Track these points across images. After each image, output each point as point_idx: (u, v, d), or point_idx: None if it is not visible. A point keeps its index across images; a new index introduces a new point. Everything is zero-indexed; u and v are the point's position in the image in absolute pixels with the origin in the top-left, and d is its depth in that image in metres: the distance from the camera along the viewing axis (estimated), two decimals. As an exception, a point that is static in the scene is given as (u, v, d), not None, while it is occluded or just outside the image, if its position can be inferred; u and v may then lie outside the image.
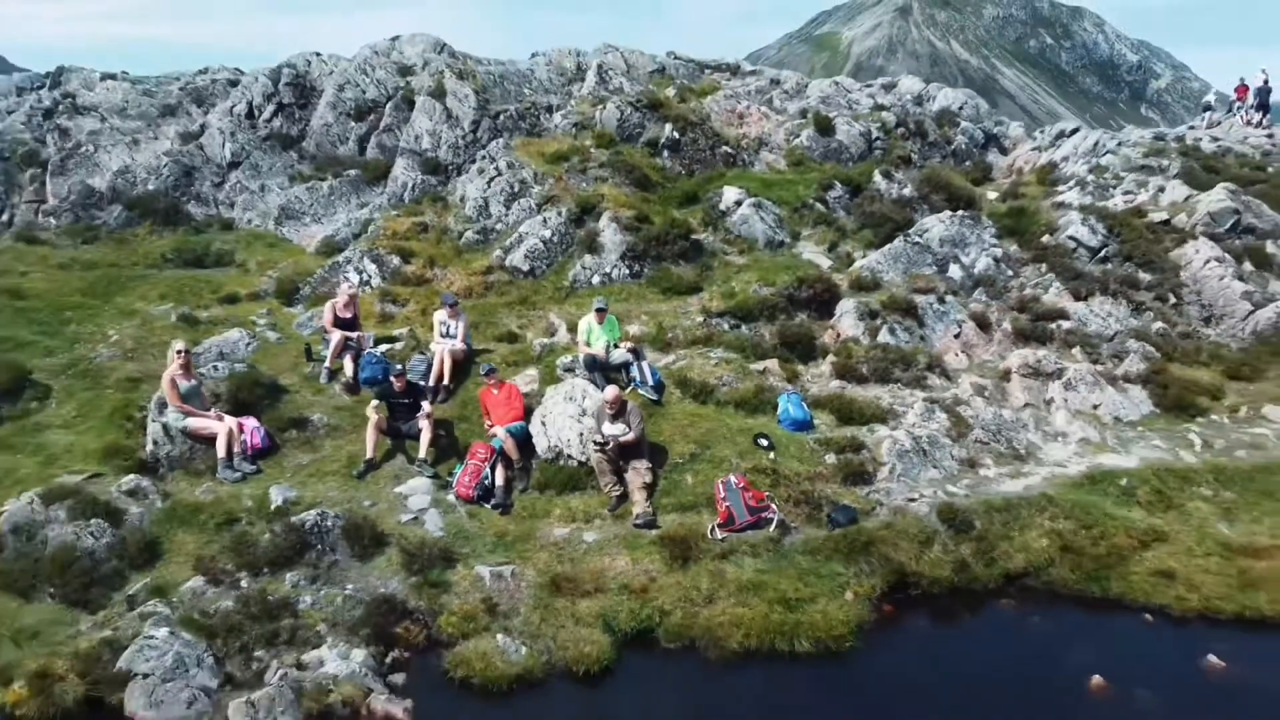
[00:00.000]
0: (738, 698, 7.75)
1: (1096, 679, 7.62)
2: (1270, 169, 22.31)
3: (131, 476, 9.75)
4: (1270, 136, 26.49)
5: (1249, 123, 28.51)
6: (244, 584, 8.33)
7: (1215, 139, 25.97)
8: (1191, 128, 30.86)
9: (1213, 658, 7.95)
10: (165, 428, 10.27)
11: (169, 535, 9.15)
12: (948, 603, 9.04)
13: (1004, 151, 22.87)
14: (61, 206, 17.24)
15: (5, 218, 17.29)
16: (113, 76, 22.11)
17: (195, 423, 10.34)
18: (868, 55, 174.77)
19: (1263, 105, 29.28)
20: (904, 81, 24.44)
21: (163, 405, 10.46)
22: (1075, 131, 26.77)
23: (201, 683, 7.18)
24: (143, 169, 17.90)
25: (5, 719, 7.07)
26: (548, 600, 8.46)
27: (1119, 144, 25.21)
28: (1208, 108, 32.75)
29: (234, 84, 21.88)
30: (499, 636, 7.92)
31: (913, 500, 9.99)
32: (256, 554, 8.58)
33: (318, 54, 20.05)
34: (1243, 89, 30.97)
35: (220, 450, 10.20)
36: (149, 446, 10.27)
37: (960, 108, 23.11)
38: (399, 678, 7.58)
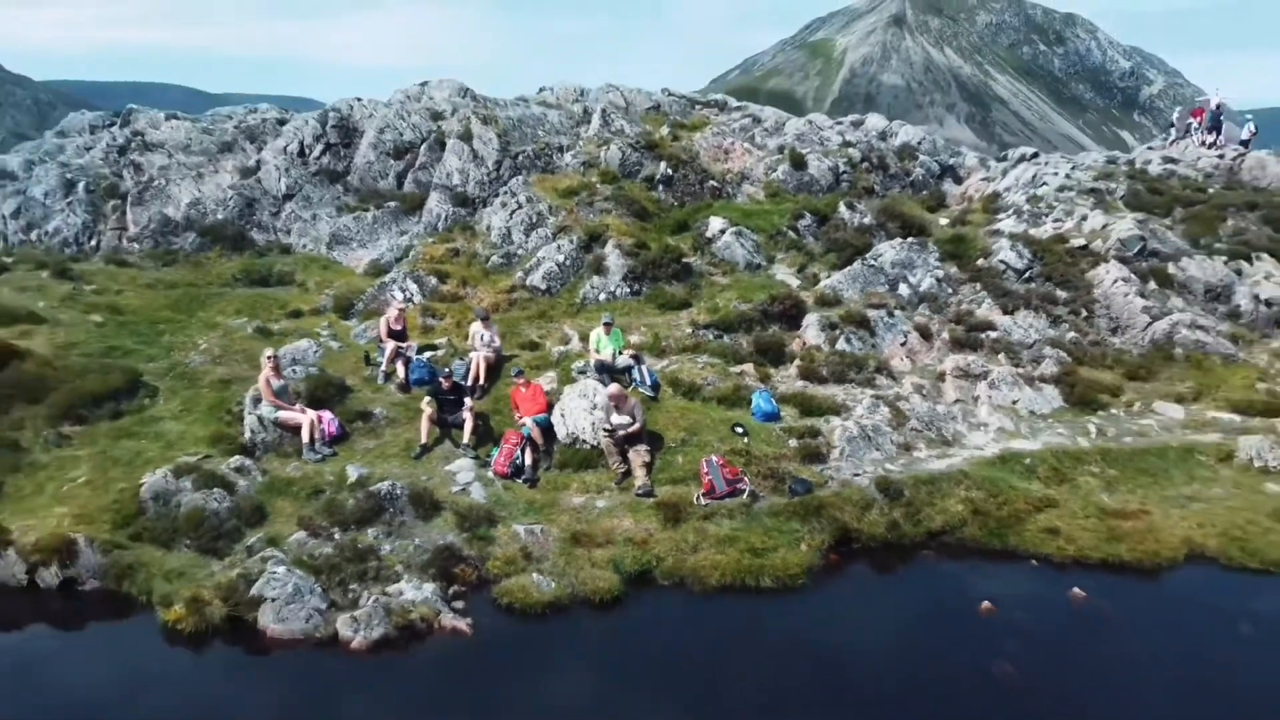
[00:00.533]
0: (716, 620, 9.77)
1: (985, 604, 9.65)
2: (1211, 190, 24.43)
3: (236, 457, 11.74)
4: (1221, 157, 28.22)
5: (1203, 143, 29.91)
6: (336, 536, 10.34)
7: (1169, 159, 28.03)
8: (1150, 148, 32.59)
9: (1076, 590, 9.96)
10: (260, 419, 12.29)
11: (270, 502, 11.16)
12: (881, 553, 11.04)
13: (958, 181, 24.94)
14: (143, 234, 19.24)
15: (94, 243, 19.30)
16: (175, 116, 24.11)
17: (284, 415, 12.36)
18: (861, 62, 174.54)
19: (1215, 127, 30.62)
20: (870, 119, 26.50)
21: (257, 400, 12.49)
22: (1034, 156, 29.05)
23: (314, 605, 9.19)
24: (211, 200, 19.93)
25: (168, 633, 9.09)
26: (569, 550, 10.47)
27: (1072, 167, 27.27)
28: (1186, 128, 33.51)
29: (282, 122, 23.90)
30: (534, 575, 9.93)
31: (857, 475, 12.01)
32: (344, 514, 10.58)
33: (359, 99, 22.08)
34: (1198, 111, 32.64)
35: (304, 437, 12.22)
36: (247, 434, 12.27)
37: (919, 143, 25.20)
38: (459, 604, 9.57)
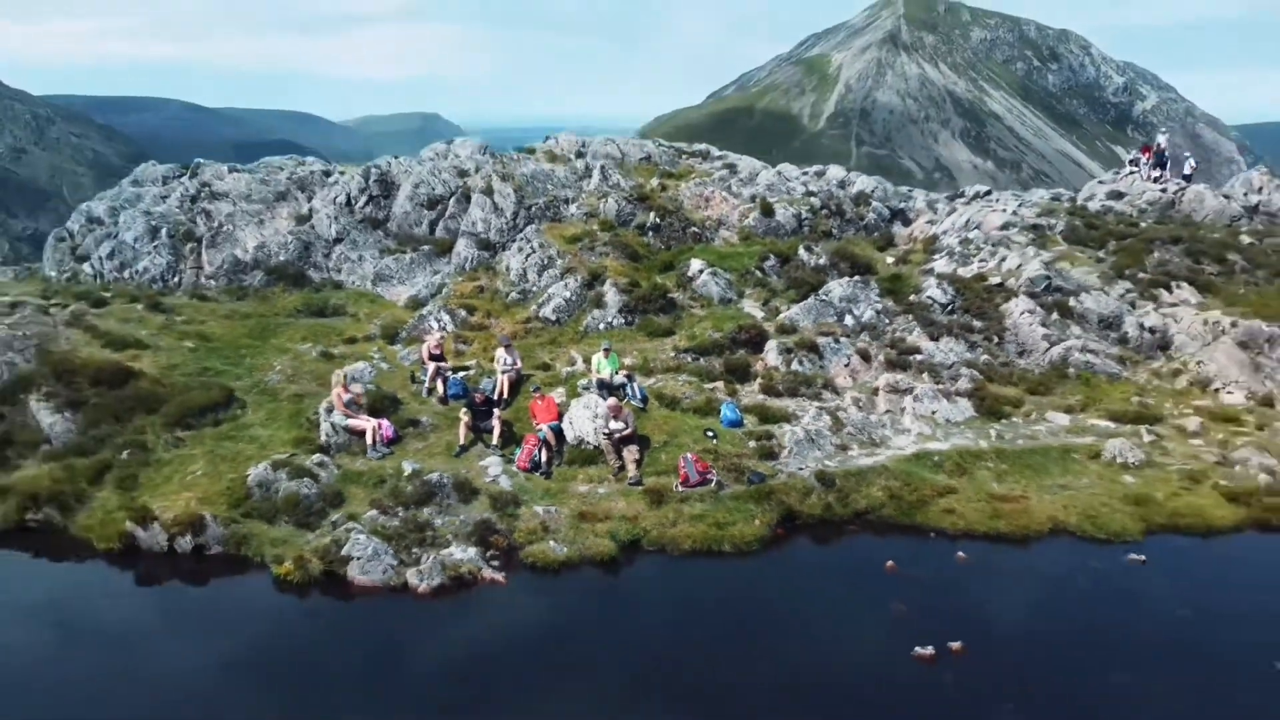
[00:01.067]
0: (689, 574, 12.27)
1: (890, 563, 12.19)
2: (1143, 224, 27.07)
3: (317, 455, 14.22)
4: (1164, 190, 30.40)
5: (1149, 178, 32.11)
6: (400, 514, 12.83)
7: (1118, 193, 30.61)
8: (1101, 182, 34.61)
9: (961, 554, 12.51)
10: (333, 425, 14.79)
11: (346, 489, 13.65)
12: (817, 528, 13.54)
13: (906, 223, 27.57)
14: (218, 272, 21.77)
15: (177, 280, 21.83)
16: (235, 169, 26.72)
17: (352, 422, 14.88)
18: (856, 78, 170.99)
19: (1160, 164, 32.74)
20: (831, 169, 29.18)
21: (330, 410, 15.02)
22: (987, 194, 31.81)
23: (388, 562, 11.69)
24: (273, 243, 22.49)
25: (279, 584, 11.57)
26: (577, 524, 12.96)
27: (1020, 204, 29.89)
28: (1134, 161, 35.48)
29: (327, 174, 26.52)
30: (550, 542, 12.43)
31: (801, 469, 14.52)
32: (405, 497, 13.08)
33: (396, 157, 24.67)
34: (1147, 149, 34.44)
35: (368, 440, 14.73)
36: (323, 437, 14.75)
37: (873, 190, 27.86)
38: (495, 562, 12.04)
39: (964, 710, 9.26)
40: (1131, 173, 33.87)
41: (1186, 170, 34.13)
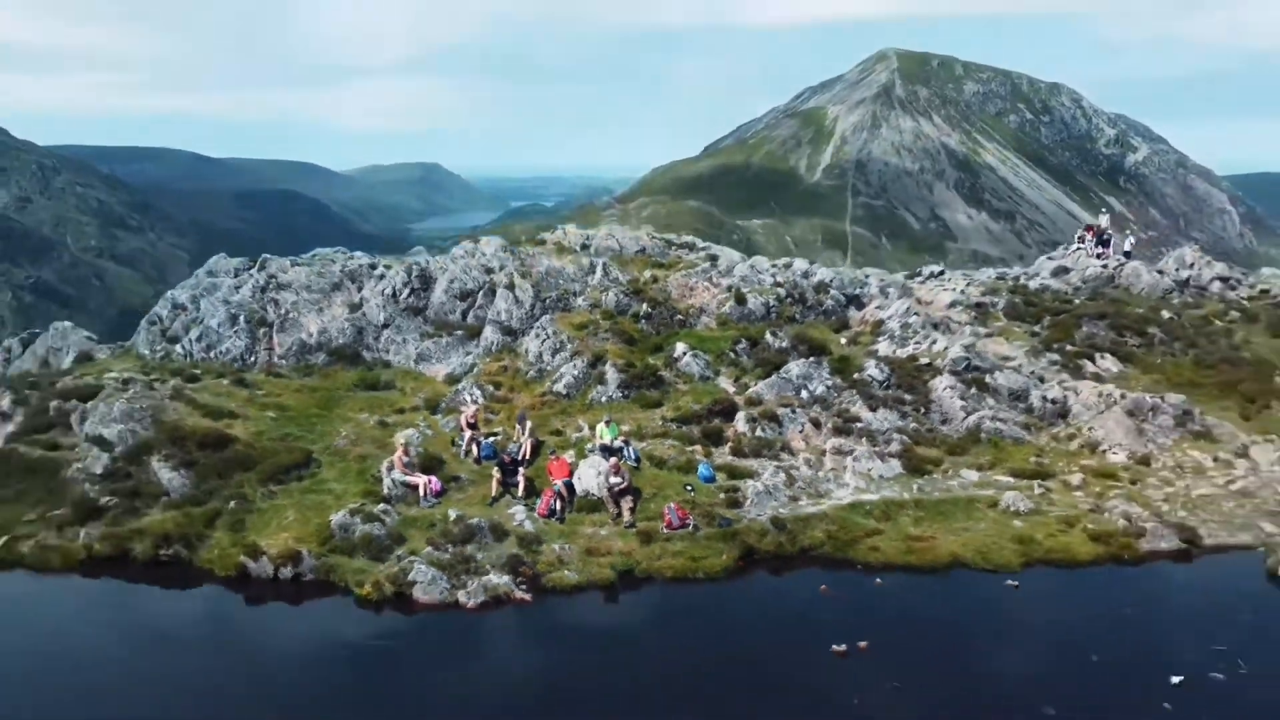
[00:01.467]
0: (669, 596, 15.30)
1: (824, 587, 15.24)
2: (1075, 301, 30.43)
3: (382, 504, 17.28)
4: (1105, 266, 33.35)
5: (1093, 255, 35.15)
6: (449, 550, 15.87)
7: (1063, 268, 33.59)
8: (1050, 258, 37.40)
9: (879, 580, 15.59)
10: (394, 480, 17.95)
11: (406, 530, 16.66)
12: (770, 561, 16.49)
13: (860, 308, 31.00)
14: (287, 353, 25.11)
15: (253, 359, 25.14)
16: (296, 263, 30.27)
17: (409, 478, 18.01)
18: (852, 131, 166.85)
19: (1103, 242, 36.05)
20: (796, 263, 32.74)
21: (390, 468, 18.19)
22: (941, 274, 35.43)
23: (443, 586, 14.70)
24: (332, 329, 25.88)
25: (360, 601, 14.58)
26: (585, 557, 15.95)
27: (968, 284, 33.38)
28: (1081, 239, 37.33)
29: (373, 267, 30.04)
30: (565, 570, 15.45)
31: (760, 515, 17.60)
32: (453, 537, 16.13)
33: (432, 256, 28.27)
34: (1091, 228, 37.73)
35: (421, 492, 17.84)
36: (385, 490, 17.83)
37: (831, 280, 31.32)
38: (524, 586, 15.04)
39: (864, 686, 12.26)
40: (1078, 249, 36.72)
41: (1126, 247, 37.23)
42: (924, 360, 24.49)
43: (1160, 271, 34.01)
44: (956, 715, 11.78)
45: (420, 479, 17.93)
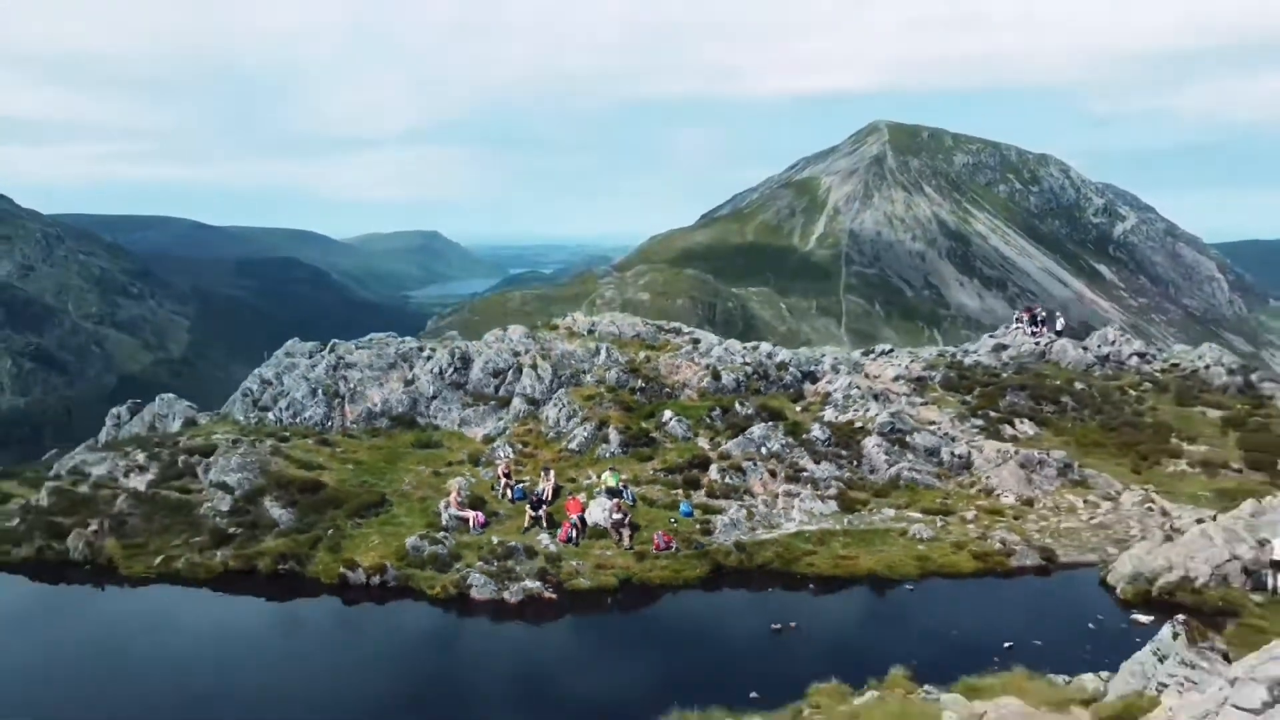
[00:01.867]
0: (657, 597, 19.36)
1: (769, 590, 19.34)
2: (1004, 374, 34.85)
3: (442, 532, 21.43)
4: (1037, 344, 37.23)
5: (1029, 334, 38.94)
6: (495, 564, 19.96)
7: (1002, 345, 37.82)
8: (992, 336, 41.43)
9: (811, 585, 19.70)
10: (450, 515, 22.11)
11: (461, 551, 20.72)
12: (733, 574, 20.66)
13: (814, 382, 35.60)
14: (357, 419, 29.46)
15: (330, 424, 29.47)
16: (359, 346, 34.90)
17: (460, 514, 22.17)
18: (845, 200, 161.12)
19: (1036, 323, 39.87)
20: (763, 346, 37.53)
21: (447, 506, 22.37)
22: (889, 351, 39.95)
23: (492, 588, 18.72)
24: (392, 399, 30.30)
25: (431, 600, 18.60)
26: (595, 570, 19.95)
27: (911, 360, 37.90)
28: (1018, 320, 40.62)
29: (421, 349, 34.69)
30: (580, 579, 19.54)
31: (725, 540, 21.75)
32: (497, 555, 20.25)
33: (470, 342, 32.96)
34: (1029, 309, 41.80)
35: (470, 524, 21.94)
36: (443, 522, 21.98)
37: (790, 359, 35.91)
38: (550, 589, 19.13)
39: (793, 650, 16.28)
40: (1016, 328, 40.74)
41: (1058, 327, 41.37)
42: (859, 424, 28.96)
43: (1085, 348, 38.19)
44: (849, 657, 15.82)
45: (470, 514, 22.11)
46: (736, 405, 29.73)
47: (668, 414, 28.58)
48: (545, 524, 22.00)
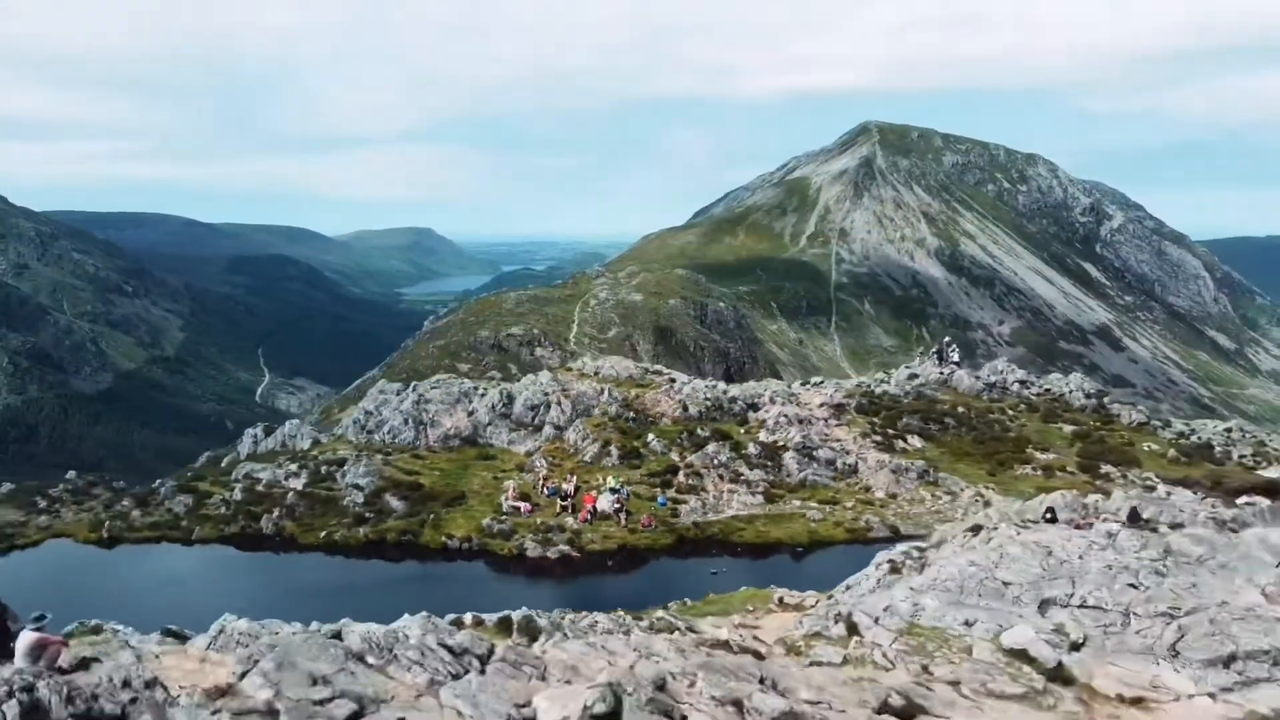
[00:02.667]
0: (642, 553, 26.55)
1: (715, 552, 26.57)
2: (904, 400, 41.96)
3: (504, 516, 28.60)
4: (942, 373, 43.09)
5: (936, 365, 44.77)
6: (540, 535, 27.10)
7: (914, 374, 44.85)
8: (908, 368, 46.56)
9: (739, 549, 26.94)
10: (509, 505, 29.25)
11: (517, 528, 27.84)
12: (693, 542, 27.62)
13: (756, 410, 42.84)
14: (435, 440, 36.59)
15: (419, 443, 36.63)
16: (434, 386, 42.05)
17: (515, 504, 29.32)
18: (835, 199, 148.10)
19: (941, 357, 45.38)
20: (719, 384, 44.96)
21: (506, 498, 29.56)
22: (821, 382, 47.20)
23: (538, 550, 25.91)
24: (460, 425, 37.50)
25: (501, 557, 25.76)
26: (603, 539, 27.10)
27: (835, 389, 45.12)
28: (940, 356, 43.66)
29: (476, 388, 41.91)
30: (594, 544, 26.66)
31: (687, 521, 28.97)
32: (540, 531, 27.35)
33: (510, 384, 40.21)
34: (937, 345, 48.69)
35: (521, 511, 29.10)
36: (503, 510, 29.14)
37: (740, 394, 43.19)
38: (575, 549, 26.32)
39: (722, 583, 23.44)
40: (931, 360, 46.50)
41: (955, 358, 47.77)
42: (781, 443, 36.36)
43: (978, 376, 45.06)
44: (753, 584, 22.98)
45: (521, 504, 29.29)
46: (698, 429, 37.08)
47: (650, 436, 35.91)
48: (570, 511, 29.22)
